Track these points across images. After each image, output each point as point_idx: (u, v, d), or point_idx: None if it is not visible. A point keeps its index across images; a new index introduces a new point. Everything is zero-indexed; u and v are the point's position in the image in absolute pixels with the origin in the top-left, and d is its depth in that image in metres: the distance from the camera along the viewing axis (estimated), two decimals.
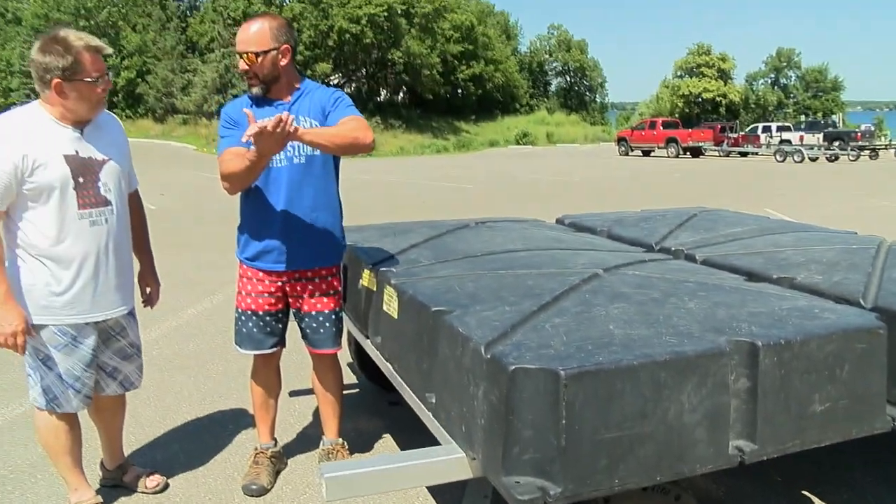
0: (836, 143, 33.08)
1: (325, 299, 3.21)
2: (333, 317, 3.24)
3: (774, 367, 2.14)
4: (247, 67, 2.93)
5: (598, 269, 2.90)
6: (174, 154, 30.68)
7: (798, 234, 4.00)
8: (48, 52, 2.63)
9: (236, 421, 4.05)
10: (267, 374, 3.34)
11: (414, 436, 3.69)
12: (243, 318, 3.19)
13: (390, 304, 2.91)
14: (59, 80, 2.63)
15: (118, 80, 38.95)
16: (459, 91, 55.37)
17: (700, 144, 35.51)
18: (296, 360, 4.41)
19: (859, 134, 35.10)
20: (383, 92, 54.09)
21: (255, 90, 2.98)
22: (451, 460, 2.16)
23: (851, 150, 32.04)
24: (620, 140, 38.67)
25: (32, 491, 3.29)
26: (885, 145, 35.13)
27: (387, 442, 3.81)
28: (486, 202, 14.48)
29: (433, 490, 3.24)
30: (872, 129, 40.38)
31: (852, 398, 2.31)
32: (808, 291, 2.82)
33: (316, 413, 3.80)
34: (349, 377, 4.68)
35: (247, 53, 2.91)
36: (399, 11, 46.25)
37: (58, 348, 2.78)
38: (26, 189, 2.64)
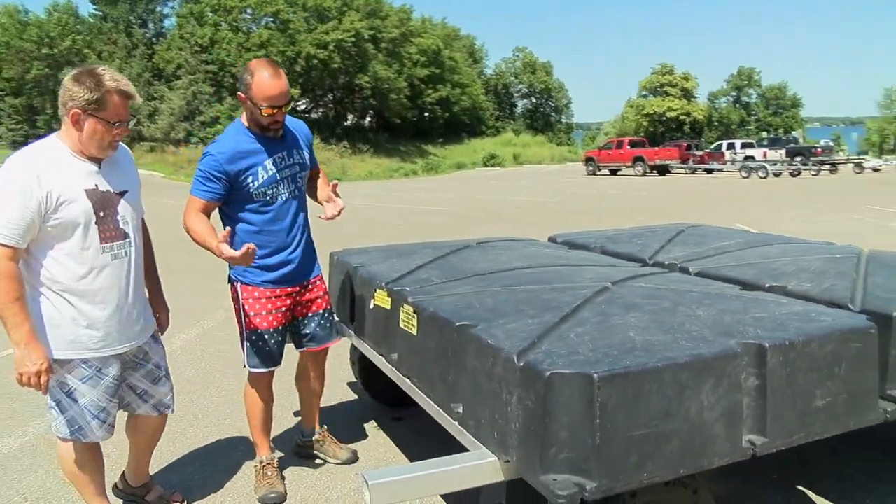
0: (798, 159, 33.95)
1: (326, 298, 3.61)
2: (332, 312, 3.68)
3: (781, 367, 2.32)
4: (282, 118, 3.22)
5: (606, 282, 3.07)
6: (143, 182, 30.41)
7: (782, 245, 4.22)
8: (79, 83, 2.63)
9: (246, 442, 4.14)
10: (270, 388, 3.53)
11: (423, 449, 3.84)
12: (265, 336, 3.34)
13: (408, 322, 3.05)
14: (77, 111, 2.64)
15: None
16: (426, 114, 55.85)
17: (667, 162, 36.20)
18: None
19: (819, 149, 36.13)
20: (350, 116, 54.31)
21: (275, 134, 3.28)
22: (484, 464, 2.30)
23: (813, 165, 32.90)
24: (588, 160, 39.28)
25: None
26: (845, 160, 36.09)
27: (395, 455, 3.93)
28: (462, 225, 14.62)
29: None
30: (831, 144, 41.50)
31: (849, 393, 2.50)
32: (800, 298, 3.02)
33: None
34: (349, 395, 4.80)
35: (283, 106, 3.15)
36: (366, 37, 46.62)
37: (83, 381, 2.78)
38: (50, 226, 2.62)
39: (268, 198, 3.26)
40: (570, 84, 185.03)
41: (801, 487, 3.43)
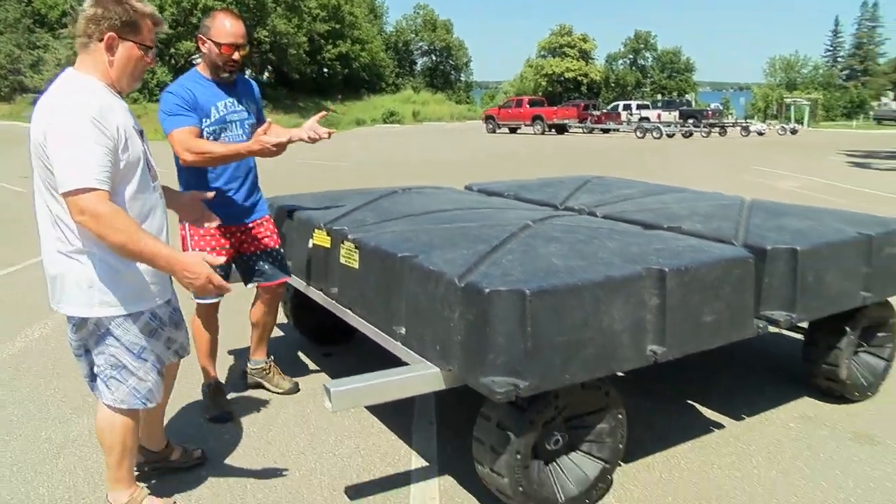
0: (691, 121, 35.53)
1: (275, 238, 3.80)
2: (282, 251, 3.85)
3: (677, 288, 2.76)
4: (239, 58, 3.42)
5: (528, 220, 3.45)
6: (27, 138, 29.00)
7: (677, 194, 4.71)
8: (102, 4, 2.39)
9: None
10: (215, 318, 3.76)
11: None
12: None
13: (350, 257, 3.35)
14: (112, 34, 2.39)
15: None
16: (326, 70, 55.06)
17: (565, 122, 37.16)
18: None
19: (710, 112, 37.88)
20: (248, 71, 52.90)
21: (229, 76, 3.51)
22: (430, 374, 2.65)
23: (704, 127, 34.49)
24: (488, 118, 39.78)
25: None
26: (733, 123, 37.98)
27: None
28: (365, 179, 14.79)
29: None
30: (721, 108, 43.53)
31: (731, 311, 2.97)
32: (693, 236, 3.48)
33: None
34: (278, 333, 5.06)
35: (242, 46, 3.41)
36: None
37: (151, 335, 2.60)
38: (121, 164, 2.39)
39: (215, 138, 3.46)
40: (470, 43, 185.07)
41: (690, 401, 3.94)
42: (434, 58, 74.98)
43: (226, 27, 3.38)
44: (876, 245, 3.60)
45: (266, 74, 51.77)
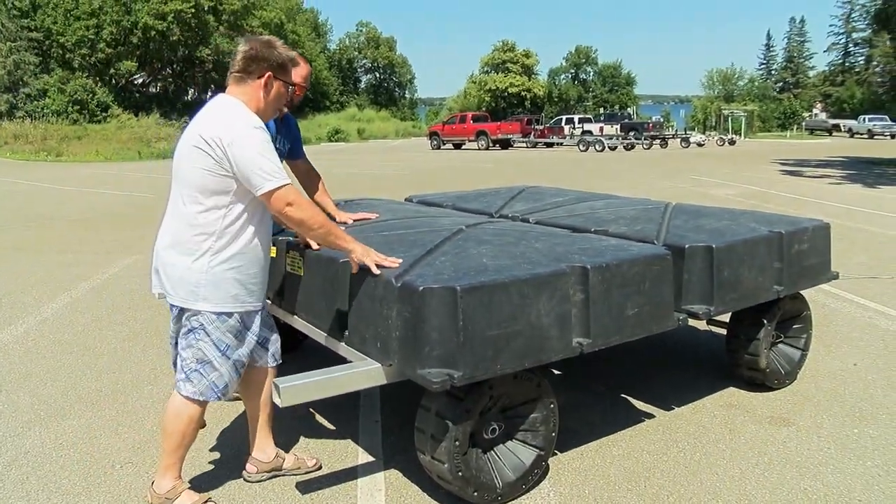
0: (632, 134, 36.37)
1: None
2: None
3: (600, 284, 2.98)
4: (294, 95, 3.44)
5: (461, 225, 3.65)
6: None
7: (607, 200, 4.97)
8: (270, 47, 2.82)
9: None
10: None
11: None
12: None
13: (295, 265, 3.51)
14: (270, 74, 2.81)
15: None
16: None
17: (509, 137, 37.71)
18: None
19: (651, 125, 38.85)
20: (191, 90, 52.68)
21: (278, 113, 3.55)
22: (372, 369, 2.81)
23: (645, 139, 35.34)
24: (432, 134, 40.12)
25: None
26: (673, 135, 38.97)
27: None
28: None
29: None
30: (661, 120, 44.60)
31: (652, 305, 3.20)
32: (619, 238, 3.71)
33: None
34: None
35: (300, 85, 3.46)
36: (206, 8, 45.35)
37: (237, 336, 2.87)
38: None
39: None
40: (413, 59, 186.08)
41: (623, 395, 4.17)
42: (378, 75, 75.40)
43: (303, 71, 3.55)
44: (787, 242, 3.89)
45: (209, 94, 51.33)
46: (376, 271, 2.85)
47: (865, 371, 4.51)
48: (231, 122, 2.70)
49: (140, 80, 49.06)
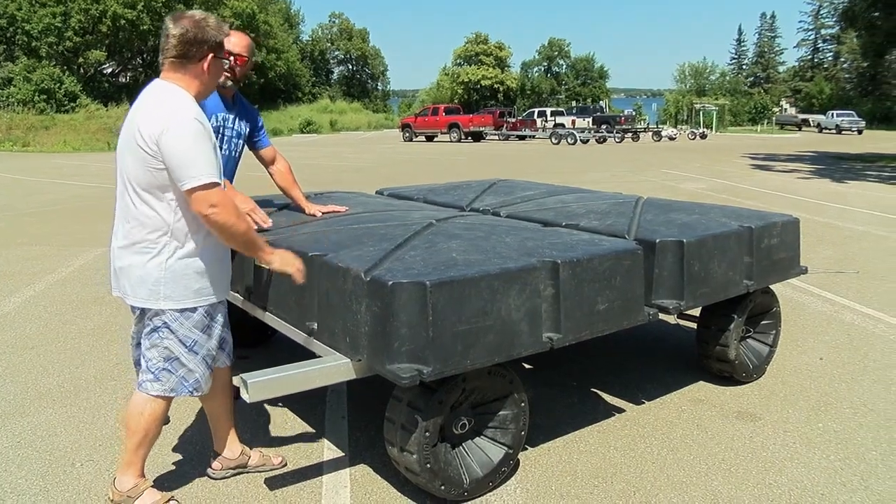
0: (604, 127, 36.51)
1: None
2: None
3: (570, 278, 2.96)
4: (235, 66, 3.51)
5: (432, 220, 3.62)
6: None
7: (578, 194, 4.96)
8: (204, 27, 2.64)
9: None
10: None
11: None
12: None
13: None
14: (212, 55, 2.68)
15: None
16: None
17: (481, 129, 37.69)
18: None
19: (623, 118, 38.99)
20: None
21: (230, 84, 3.57)
22: (341, 364, 2.78)
23: (617, 132, 35.50)
24: (405, 126, 39.97)
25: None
26: (645, 129, 39.19)
27: None
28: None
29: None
30: (634, 114, 44.80)
31: (623, 300, 3.20)
32: (589, 232, 3.70)
33: None
34: None
35: (240, 55, 3.51)
36: None
37: (203, 330, 2.79)
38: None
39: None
40: (386, 51, 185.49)
41: (593, 389, 4.18)
42: (351, 67, 74.97)
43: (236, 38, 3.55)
44: (756, 236, 3.90)
45: None
46: (300, 279, 2.87)
47: (831, 365, 4.55)
48: (168, 114, 2.56)
49: (109, 70, 48.30)
